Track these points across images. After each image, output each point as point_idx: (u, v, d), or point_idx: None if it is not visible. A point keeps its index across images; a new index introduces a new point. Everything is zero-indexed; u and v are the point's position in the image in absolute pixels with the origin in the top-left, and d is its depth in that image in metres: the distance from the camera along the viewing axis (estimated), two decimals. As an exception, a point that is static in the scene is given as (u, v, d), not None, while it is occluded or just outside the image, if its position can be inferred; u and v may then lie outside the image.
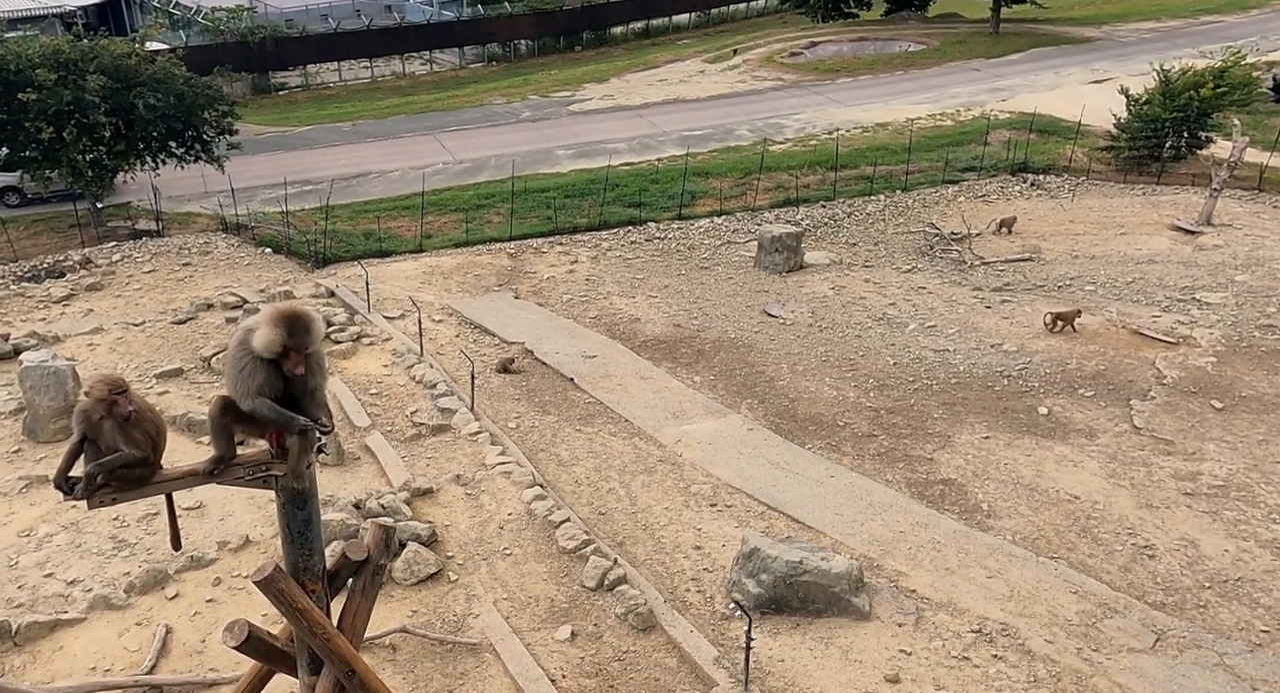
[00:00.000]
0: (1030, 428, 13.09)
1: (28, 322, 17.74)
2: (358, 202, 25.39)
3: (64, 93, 20.76)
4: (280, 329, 4.80)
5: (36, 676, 8.86)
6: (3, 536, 10.99)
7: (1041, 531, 10.88)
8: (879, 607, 9.59)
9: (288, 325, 4.80)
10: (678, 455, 12.62)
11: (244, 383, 4.97)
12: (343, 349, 15.91)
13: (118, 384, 4.90)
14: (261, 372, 4.92)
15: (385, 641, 9.30)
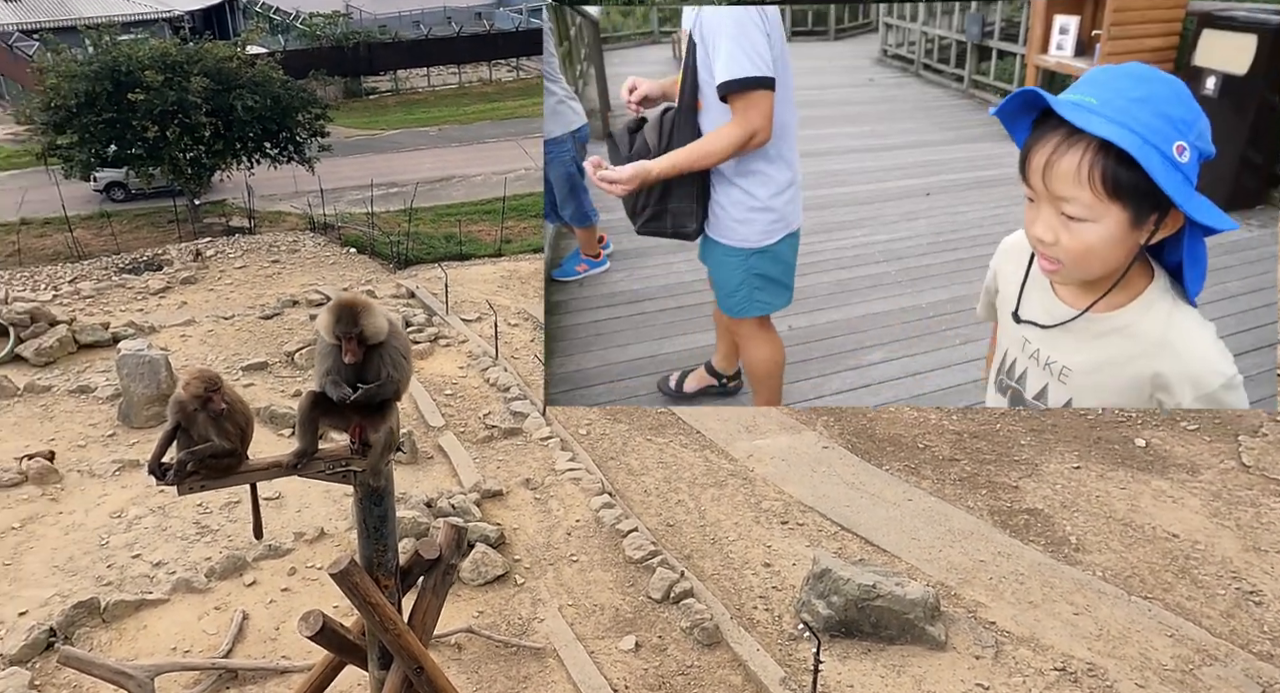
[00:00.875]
0: (1126, 460, 12.49)
1: (126, 312, 18.55)
2: (440, 205, 25.91)
3: (169, 93, 21.72)
4: (331, 315, 4.96)
5: (121, 652, 9.17)
6: (96, 516, 11.45)
7: (1135, 568, 10.35)
8: (956, 637, 9.24)
9: (337, 312, 4.95)
10: (749, 470, 12.44)
11: (318, 365, 5.20)
12: (420, 349, 16.17)
13: (213, 382, 5.02)
14: (331, 357, 5.09)
15: (452, 640, 9.36)
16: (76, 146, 22.47)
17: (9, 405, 14.29)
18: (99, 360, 15.82)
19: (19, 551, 10.81)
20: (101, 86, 21.71)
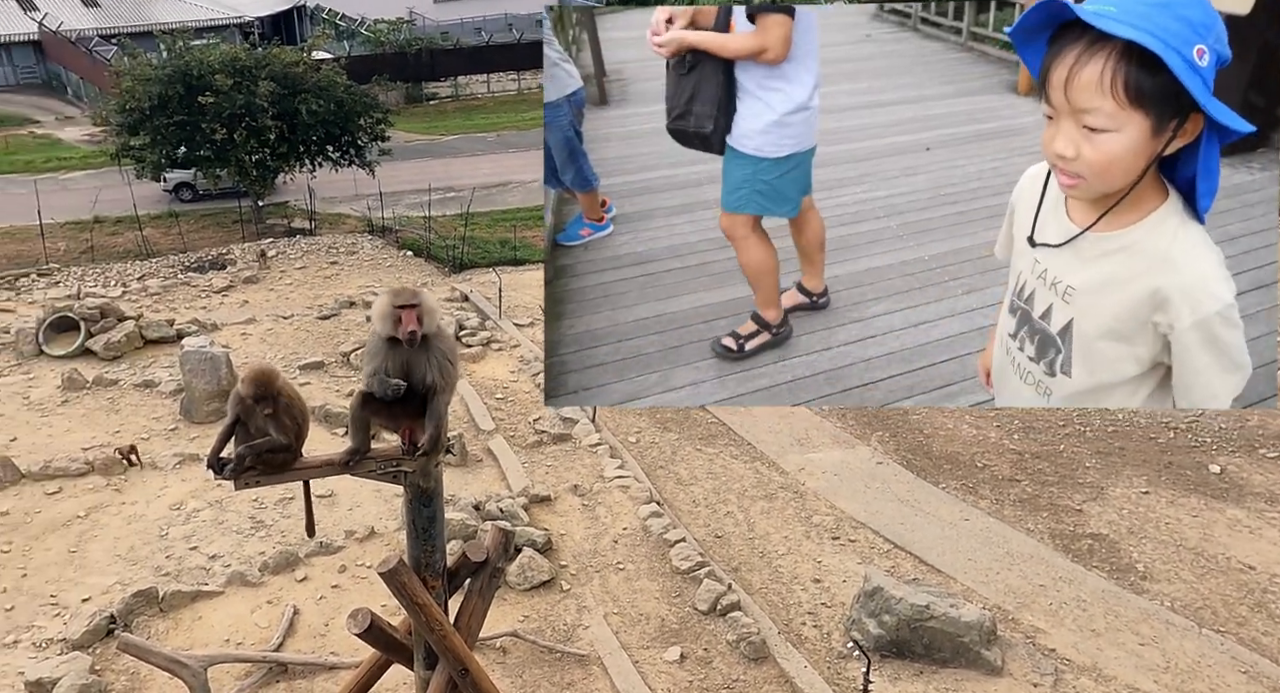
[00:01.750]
0: (1199, 486, 11.98)
1: (190, 309, 19.05)
2: (496, 210, 26.16)
3: (238, 97, 22.30)
4: (389, 294, 5.07)
5: (177, 642, 9.36)
6: (156, 508, 11.73)
7: (1207, 600, 9.91)
8: (1012, 663, 8.95)
9: (396, 290, 5.10)
10: (800, 484, 12.25)
11: (368, 362, 5.24)
12: (473, 353, 16.31)
13: (265, 386, 5.06)
14: (381, 354, 5.14)
15: (497, 643, 9.36)
16: (148, 148, 23.19)
17: (78, 398, 14.75)
18: (163, 356, 16.26)
19: (84, 538, 11.13)
20: (173, 90, 22.39)
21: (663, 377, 7.91)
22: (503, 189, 28.30)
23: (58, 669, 8.73)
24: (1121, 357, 3.37)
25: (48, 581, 10.37)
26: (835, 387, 7.89)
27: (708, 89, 6.97)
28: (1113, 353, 3.37)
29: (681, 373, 7.95)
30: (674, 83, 7.04)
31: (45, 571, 10.54)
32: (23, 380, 15.35)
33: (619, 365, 8.05)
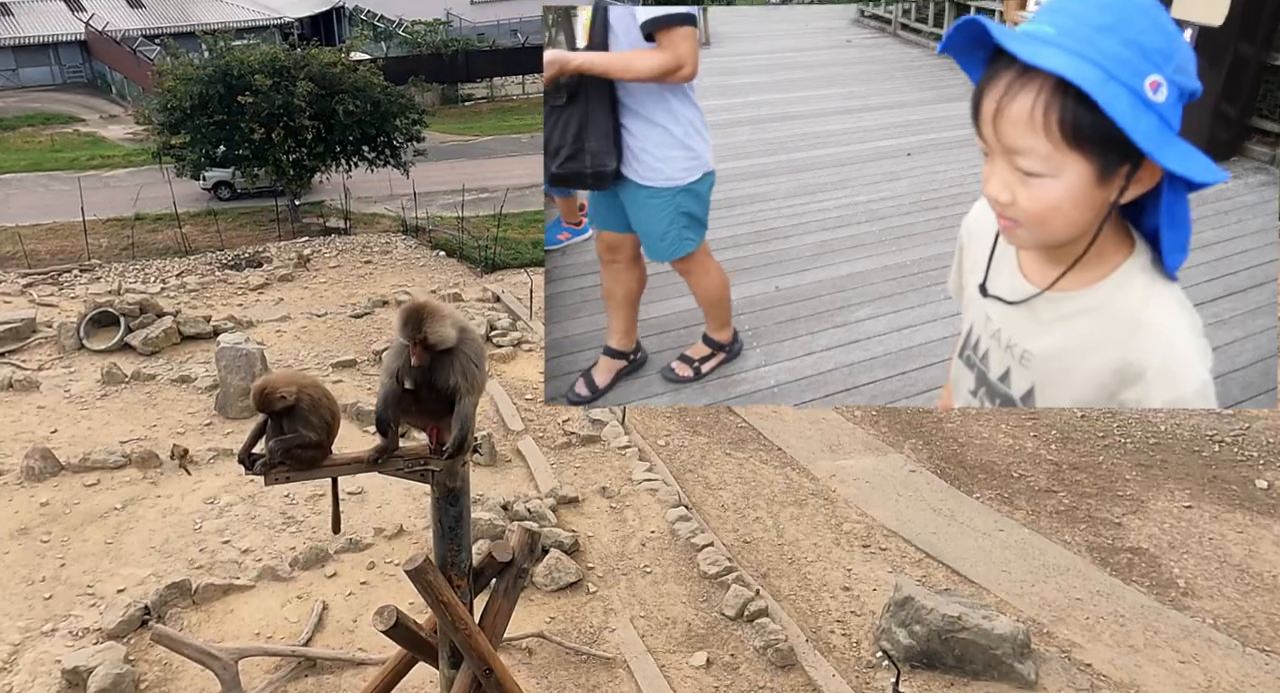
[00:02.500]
0: (1244, 501, 11.67)
1: (227, 306, 19.30)
2: (528, 211, 26.21)
3: (276, 97, 22.56)
4: (400, 318, 4.93)
5: (208, 634, 9.46)
6: (191, 501, 11.88)
7: (1251, 618, 9.63)
8: (1046, 678, 8.77)
9: (405, 316, 4.91)
10: (831, 490, 12.12)
11: (387, 361, 5.20)
12: (503, 353, 16.35)
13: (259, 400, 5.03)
14: (400, 356, 5.08)
15: (522, 643, 9.36)
16: (189, 147, 23.55)
17: (117, 391, 15.00)
18: (200, 352, 16.49)
19: (120, 530, 11.30)
20: (214, 89, 22.72)
21: (646, 382, 7.80)
22: (535, 190, 28.36)
23: (93, 659, 8.86)
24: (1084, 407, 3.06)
25: (85, 571, 10.55)
26: (818, 392, 7.82)
27: (598, 120, 6.10)
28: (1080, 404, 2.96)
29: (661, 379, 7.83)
30: (551, 118, 6.12)
31: (82, 561, 10.72)
32: (64, 374, 15.64)
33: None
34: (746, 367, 7.93)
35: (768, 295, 8.88)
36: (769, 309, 8.71)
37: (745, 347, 8.09)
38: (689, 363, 7.68)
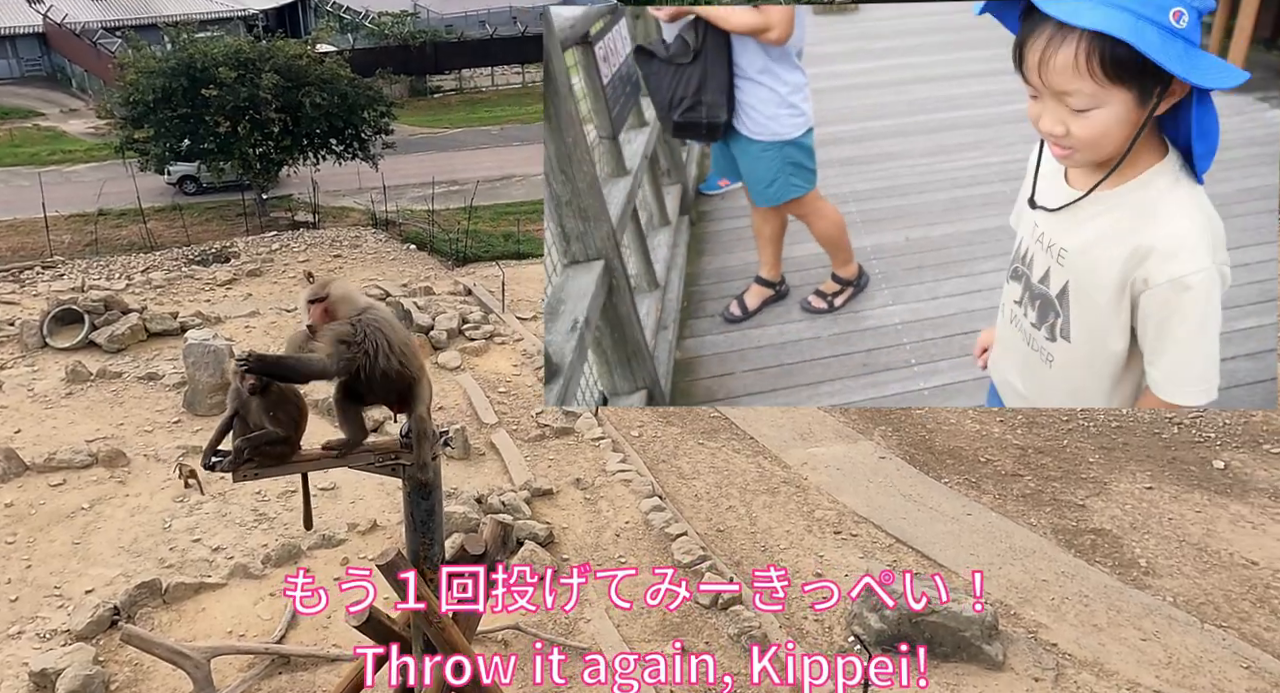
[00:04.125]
0: (1202, 482, 11.95)
1: (194, 302, 19.05)
2: (500, 203, 26.11)
3: (241, 90, 22.25)
4: (304, 285, 4.97)
5: (180, 633, 9.39)
6: (160, 500, 11.76)
7: (1209, 595, 9.89)
8: (1014, 658, 8.94)
9: (312, 282, 4.97)
10: (803, 478, 12.24)
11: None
12: (475, 347, 16.30)
13: (246, 361, 5.02)
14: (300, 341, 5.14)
15: (498, 635, 9.38)
16: (152, 141, 23.17)
17: (82, 390, 14.78)
18: (167, 349, 16.28)
19: (87, 530, 11.16)
20: (177, 82, 22.36)
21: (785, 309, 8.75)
22: (506, 183, 28.26)
23: (61, 660, 8.77)
24: (1109, 327, 3.25)
25: (52, 572, 10.41)
26: (938, 332, 8.27)
27: (716, 76, 6.97)
28: (1105, 319, 3.25)
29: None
30: (672, 75, 7.03)
31: (49, 562, 10.58)
32: (27, 373, 15.39)
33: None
34: (874, 304, 8.56)
35: (898, 245, 9.44)
36: (899, 257, 9.24)
37: (874, 287, 8.74)
38: (823, 297, 8.54)
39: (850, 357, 8.03)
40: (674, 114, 7.17)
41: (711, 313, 8.54)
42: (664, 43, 7.28)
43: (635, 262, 7.65)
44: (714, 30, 6.93)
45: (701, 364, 8.05)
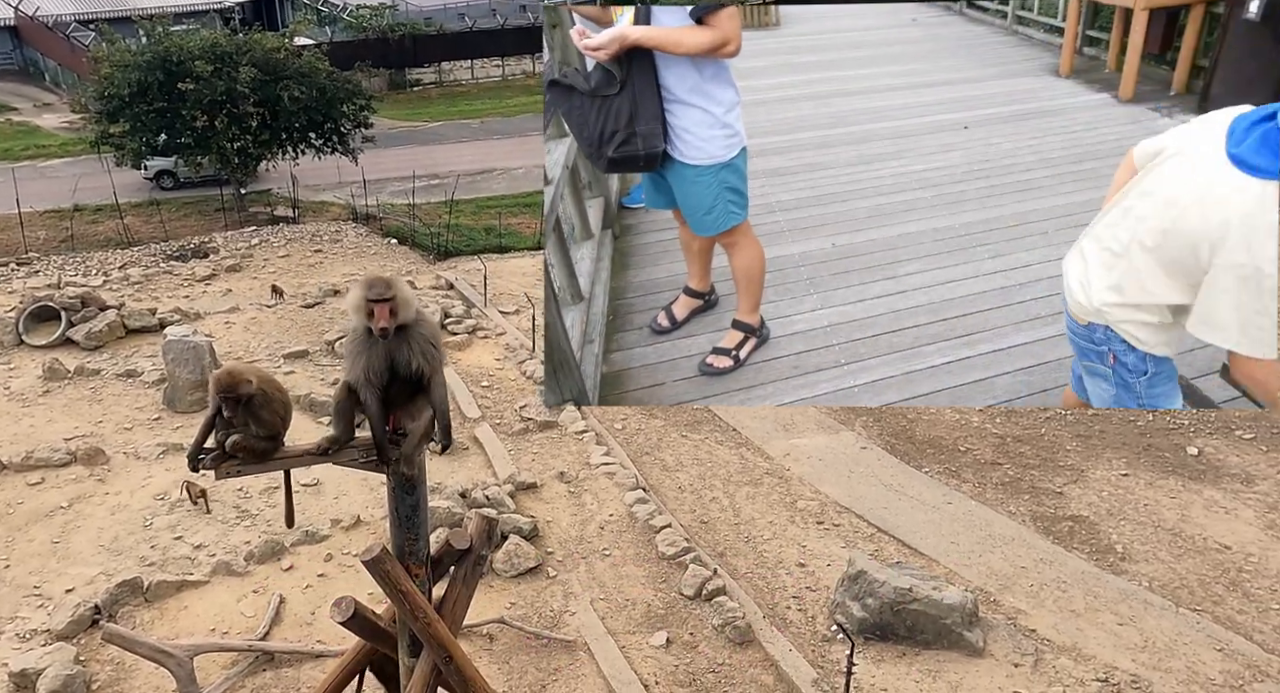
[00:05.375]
0: (1177, 468, 12.14)
1: (173, 298, 18.90)
2: (481, 197, 26.04)
3: (218, 84, 22.06)
4: (361, 286, 4.93)
5: (162, 631, 9.35)
6: (140, 498, 11.68)
7: (1184, 580, 10.06)
8: (994, 644, 9.06)
9: (369, 281, 4.92)
10: (785, 469, 12.32)
11: (351, 358, 5.12)
12: (458, 341, 16.27)
13: (228, 387, 4.99)
14: (364, 348, 5.02)
15: (483, 630, 9.40)
16: (128, 135, 22.92)
17: (60, 388, 14.64)
18: (146, 346, 16.15)
19: (67, 529, 11.08)
20: (153, 76, 22.12)
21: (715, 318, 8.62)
22: (487, 176, 28.17)
23: (42, 660, 8.71)
24: None
25: (31, 572, 10.33)
26: (865, 332, 8.48)
27: (648, 103, 6.44)
28: None
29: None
30: (598, 109, 6.42)
31: (28, 561, 10.50)
32: (3, 371, 15.22)
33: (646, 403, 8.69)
34: (803, 309, 8.68)
35: (825, 251, 9.69)
36: (825, 263, 9.49)
37: (802, 293, 8.84)
38: (725, 353, 8.01)
39: (781, 360, 8.15)
40: (607, 150, 6.61)
41: (639, 326, 8.54)
42: (581, 73, 6.68)
43: (559, 274, 7.60)
44: (640, 54, 6.33)
45: (630, 376, 8.01)
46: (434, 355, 5.10)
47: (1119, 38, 15.15)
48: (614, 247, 9.72)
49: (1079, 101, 14.70)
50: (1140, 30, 14.16)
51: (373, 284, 4.88)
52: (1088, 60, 16.32)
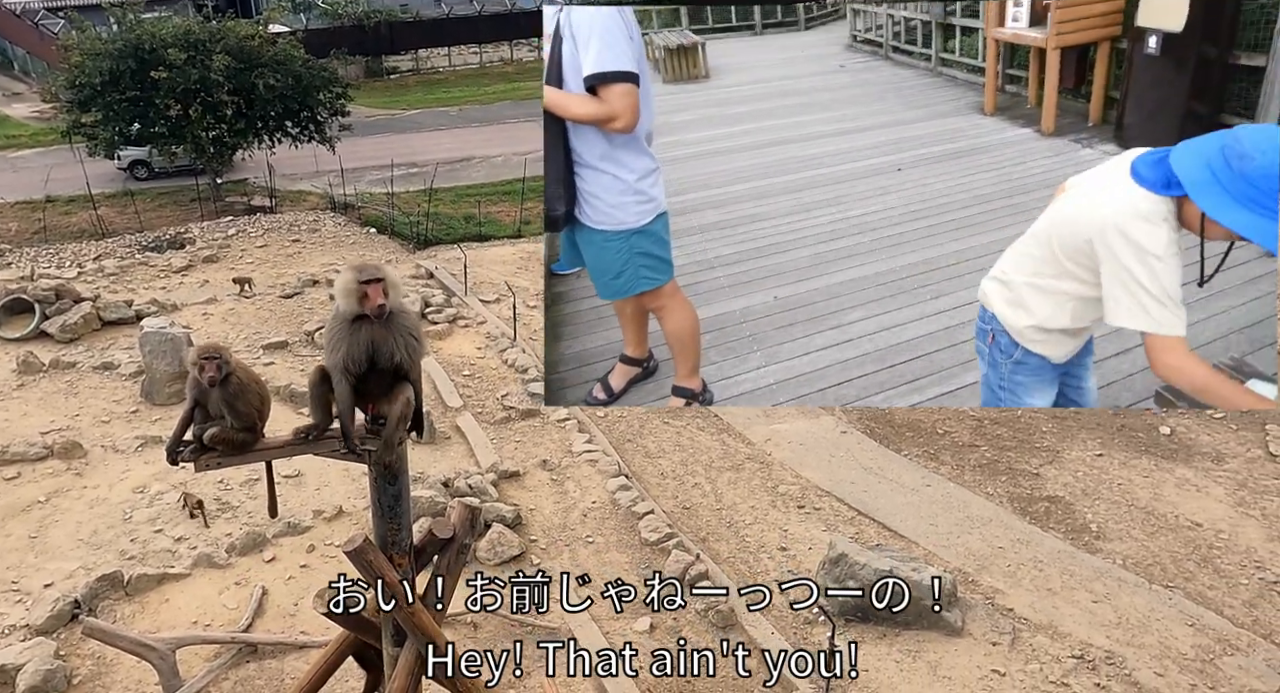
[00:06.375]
0: (1150, 448, 12.34)
1: (149, 289, 18.70)
2: (460, 185, 25.89)
3: (192, 72, 21.76)
4: (352, 271, 4.94)
5: (144, 625, 9.31)
6: (119, 491, 11.60)
7: (1156, 557, 10.25)
8: (972, 624, 9.20)
9: (358, 267, 4.95)
10: (767, 454, 12.40)
11: (331, 345, 5.12)
12: (439, 330, 16.22)
13: (207, 351, 5.00)
14: (345, 335, 5.01)
15: (467, 619, 9.42)
16: (100, 125, 22.59)
17: (35, 381, 14.48)
18: (122, 338, 15.99)
19: (44, 524, 10.98)
20: (125, 65, 21.79)
21: (656, 387, 8.30)
22: (466, 164, 28.01)
23: (21, 655, 8.65)
24: None
25: (9, 567, 10.24)
26: (813, 386, 8.36)
27: (553, 164, 6.24)
28: None
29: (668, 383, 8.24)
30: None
31: (5, 557, 10.40)
32: (-23, 365, 15.03)
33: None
34: (747, 368, 8.45)
35: (767, 304, 9.52)
36: (768, 317, 9.28)
37: (745, 350, 8.58)
38: (599, 386, 7.91)
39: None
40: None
41: (574, 400, 8.38)
42: None
43: None
44: (547, 117, 6.17)
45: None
46: (415, 348, 5.12)
47: (1036, 75, 15.80)
48: (546, 317, 9.34)
49: (1005, 138, 15.03)
50: (1054, 67, 14.82)
51: (363, 268, 4.91)
52: (1010, 97, 16.85)
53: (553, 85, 6.14)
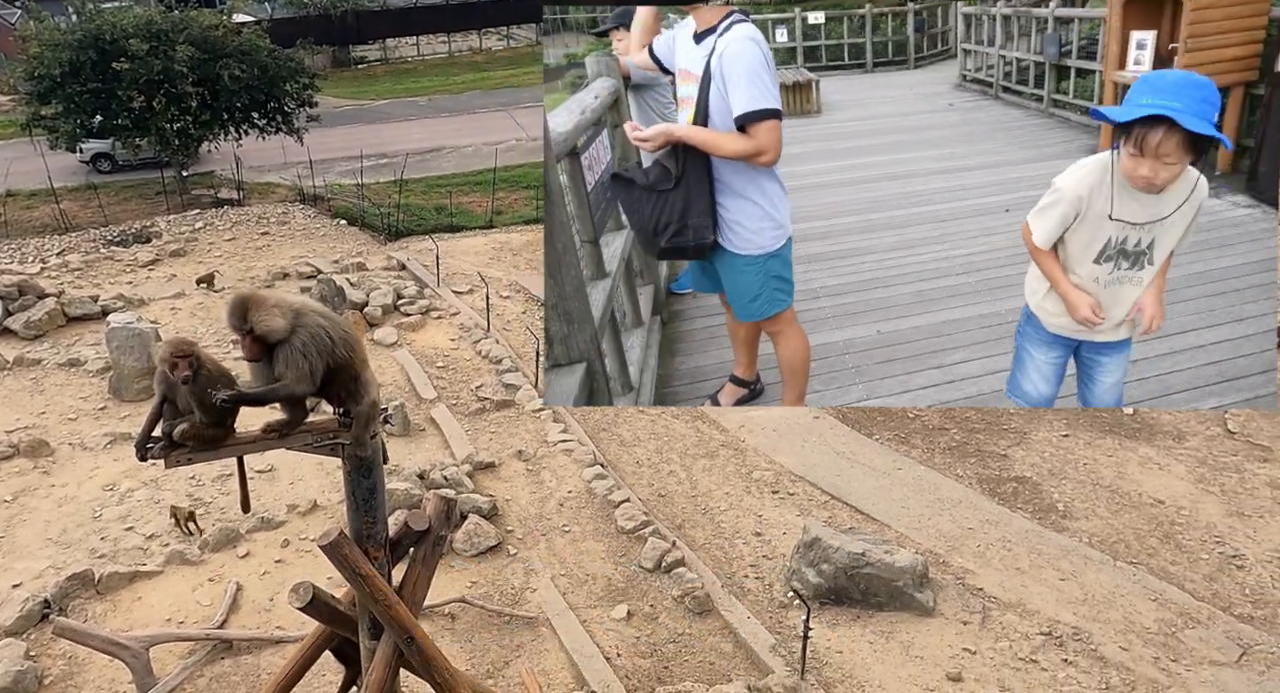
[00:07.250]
0: (1114, 427, 12.58)
1: (115, 284, 18.43)
2: (430, 176, 25.70)
3: (155, 63, 21.38)
4: (226, 309, 4.99)
5: (116, 624, 9.22)
6: (88, 489, 11.46)
7: (1121, 534, 10.47)
8: (944, 604, 9.35)
9: (230, 306, 4.96)
10: (740, 441, 12.49)
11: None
12: (412, 322, 16.14)
13: (180, 349, 4.96)
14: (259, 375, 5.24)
15: (445, 610, 9.43)
16: (61, 117, 22.15)
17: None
18: (88, 333, 15.76)
19: (12, 523, 10.83)
20: (85, 56, 21.37)
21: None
22: (436, 154, 27.80)
23: (-8, 657, 8.55)
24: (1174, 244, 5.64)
25: (-23, 568, 10.11)
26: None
27: (700, 199, 6.82)
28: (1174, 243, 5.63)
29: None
30: (654, 202, 6.83)
31: (-27, 558, 10.26)
32: (-62, 364, 14.76)
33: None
34: (849, 399, 8.63)
35: (869, 338, 9.59)
36: (870, 351, 9.35)
37: (848, 381, 8.83)
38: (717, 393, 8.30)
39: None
40: (660, 240, 7.00)
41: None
42: (641, 168, 7.12)
43: (611, 363, 7.59)
44: (695, 153, 6.69)
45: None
46: (300, 365, 5.05)
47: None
48: (662, 333, 9.59)
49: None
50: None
51: (231, 313, 4.91)
52: (1126, 140, 16.68)
53: (699, 124, 6.61)
